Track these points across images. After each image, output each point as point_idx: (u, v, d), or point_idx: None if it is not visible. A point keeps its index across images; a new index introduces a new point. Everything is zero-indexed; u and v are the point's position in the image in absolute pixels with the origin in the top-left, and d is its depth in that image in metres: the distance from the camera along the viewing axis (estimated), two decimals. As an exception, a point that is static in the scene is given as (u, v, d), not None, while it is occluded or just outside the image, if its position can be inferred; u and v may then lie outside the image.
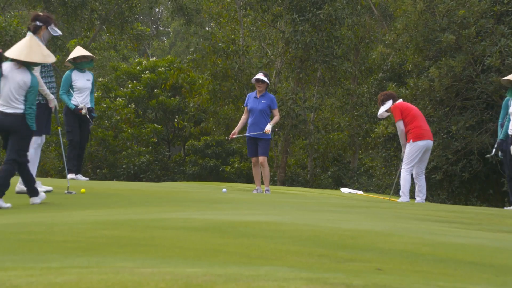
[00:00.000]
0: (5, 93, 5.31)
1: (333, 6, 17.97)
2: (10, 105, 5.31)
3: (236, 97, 20.30)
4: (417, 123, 7.69)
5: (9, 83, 5.33)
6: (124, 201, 5.68)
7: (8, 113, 5.30)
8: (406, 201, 7.61)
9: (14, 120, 5.30)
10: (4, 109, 5.32)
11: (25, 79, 5.33)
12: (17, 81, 5.31)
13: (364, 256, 2.54)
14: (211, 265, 2.16)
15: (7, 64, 5.37)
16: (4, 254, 2.32)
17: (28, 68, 5.36)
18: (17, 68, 5.32)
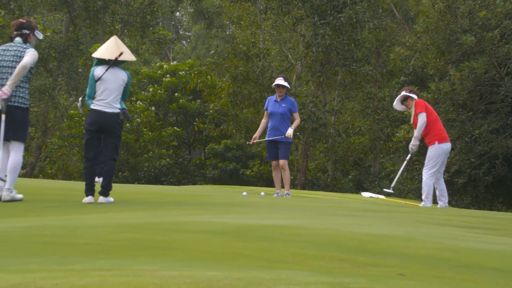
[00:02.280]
0: (105, 94, 5.56)
1: (354, 10, 17.89)
2: (110, 105, 5.58)
3: (256, 100, 20.32)
4: (440, 126, 7.59)
5: (109, 84, 5.58)
6: (145, 204, 5.72)
7: (108, 113, 5.55)
8: (429, 206, 7.51)
9: (113, 119, 5.56)
10: (103, 108, 5.55)
11: (123, 77, 5.63)
12: (117, 81, 5.59)
13: (386, 261, 2.51)
14: (231, 268, 2.16)
15: (100, 68, 5.60)
16: (29, 256, 2.36)
17: (118, 66, 5.63)
18: (112, 68, 5.58)
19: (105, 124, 5.60)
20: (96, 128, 5.61)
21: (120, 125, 5.67)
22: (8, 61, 5.47)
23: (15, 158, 5.43)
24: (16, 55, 5.47)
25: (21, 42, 5.52)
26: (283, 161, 7.98)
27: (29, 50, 5.49)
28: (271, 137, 7.98)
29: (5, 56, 5.47)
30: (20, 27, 5.56)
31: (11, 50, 5.47)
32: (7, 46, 5.52)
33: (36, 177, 21.67)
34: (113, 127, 5.62)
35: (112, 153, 5.64)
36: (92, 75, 5.71)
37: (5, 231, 3.34)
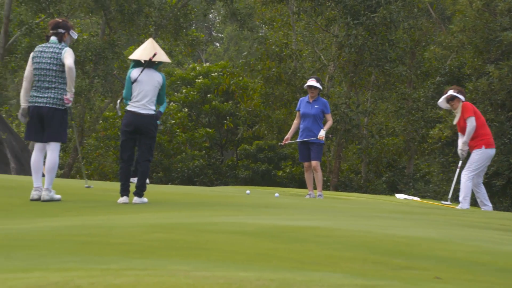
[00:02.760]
0: (141, 96, 5.66)
1: (388, 9, 17.67)
2: (146, 107, 5.67)
3: (289, 101, 20.30)
4: (488, 130, 7.41)
5: (145, 86, 5.69)
6: (178, 205, 5.78)
7: (143, 114, 5.65)
8: (466, 208, 7.34)
9: (149, 120, 5.66)
10: (138, 110, 5.66)
11: (158, 79, 5.73)
12: (153, 83, 5.68)
13: (421, 264, 2.47)
14: (264, 269, 2.16)
15: (136, 70, 5.71)
16: (67, 255, 2.42)
17: (155, 69, 5.72)
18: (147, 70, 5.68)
19: (140, 126, 5.67)
20: (132, 129, 5.69)
21: (155, 126, 5.74)
22: (46, 63, 5.58)
23: (52, 158, 5.55)
24: (53, 57, 5.58)
25: (56, 42, 5.61)
26: (315, 162, 7.94)
27: (65, 50, 5.59)
28: (303, 138, 7.95)
29: (43, 58, 5.59)
30: (56, 26, 5.64)
31: (48, 52, 5.57)
32: (43, 47, 5.61)
33: (73, 177, 22.16)
34: (148, 128, 5.69)
35: (146, 154, 5.71)
36: (128, 77, 5.79)
37: (45, 230, 3.43)
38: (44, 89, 5.57)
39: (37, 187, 5.57)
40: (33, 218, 4.47)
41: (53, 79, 5.57)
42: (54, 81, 5.57)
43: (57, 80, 5.58)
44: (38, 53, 5.61)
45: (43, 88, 5.57)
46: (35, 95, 5.58)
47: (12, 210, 5.03)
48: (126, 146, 5.73)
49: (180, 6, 22.97)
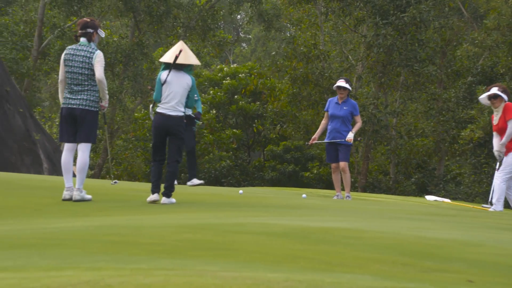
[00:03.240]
0: (170, 98, 5.77)
1: (418, 9, 17.43)
2: (175, 109, 5.78)
3: (316, 102, 20.21)
4: None
5: (174, 88, 5.78)
6: (206, 205, 5.81)
7: (172, 116, 5.76)
8: (500, 210, 7.19)
9: (177, 122, 5.77)
10: (167, 111, 5.76)
11: (187, 81, 5.83)
12: (182, 85, 5.79)
13: (452, 267, 2.43)
14: (292, 271, 2.16)
15: (165, 72, 5.81)
16: (97, 254, 2.46)
17: (184, 71, 5.80)
18: (177, 72, 5.77)
19: (169, 127, 5.75)
20: (161, 130, 5.77)
21: (184, 128, 5.81)
22: (78, 68, 5.68)
23: (82, 159, 5.65)
24: (84, 61, 5.68)
25: (86, 43, 5.71)
26: (343, 164, 7.87)
27: (96, 55, 5.69)
28: (331, 139, 7.88)
29: (75, 62, 5.69)
30: (85, 26, 5.74)
31: (79, 56, 5.68)
32: (74, 50, 5.71)
33: (103, 178, 22.51)
34: (177, 129, 5.77)
35: (175, 155, 5.79)
36: (158, 79, 5.88)
37: (76, 230, 3.50)
38: (77, 92, 5.67)
39: (68, 187, 5.68)
40: (65, 217, 4.56)
41: (85, 82, 5.68)
42: (86, 84, 5.68)
43: (89, 83, 5.69)
44: (70, 56, 5.71)
45: (75, 91, 5.68)
46: (68, 96, 5.70)
47: (45, 209, 5.14)
48: (157, 148, 5.83)
49: (208, 7, 23.11)
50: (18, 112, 14.44)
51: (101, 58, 5.71)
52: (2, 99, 13.96)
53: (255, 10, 23.05)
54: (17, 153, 13.78)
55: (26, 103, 16.01)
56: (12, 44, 20.72)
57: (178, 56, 5.76)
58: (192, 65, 5.89)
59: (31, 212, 4.93)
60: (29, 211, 4.95)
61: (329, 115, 7.93)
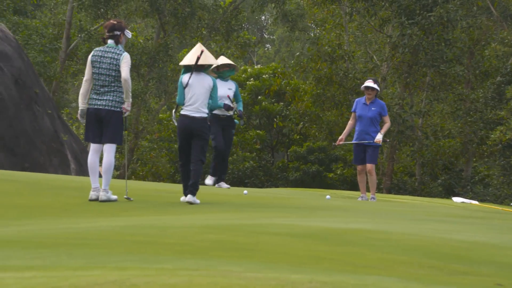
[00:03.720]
0: (193, 100, 5.85)
1: (445, 8, 17.17)
2: (198, 110, 5.86)
3: (340, 102, 20.09)
4: None
5: (196, 90, 5.86)
6: (230, 206, 5.83)
7: (195, 117, 5.83)
8: None
9: (201, 123, 5.83)
10: (191, 113, 5.84)
11: (209, 82, 5.90)
12: (204, 86, 5.86)
13: (481, 270, 2.38)
14: (316, 272, 2.15)
15: (186, 75, 5.89)
16: (123, 254, 2.49)
17: (205, 72, 5.89)
18: (197, 74, 5.85)
19: (194, 128, 5.81)
20: (186, 132, 5.83)
21: (208, 129, 5.87)
22: (105, 69, 5.76)
23: (108, 160, 5.72)
24: (112, 62, 5.75)
25: (114, 45, 5.79)
26: (370, 166, 7.79)
27: (123, 56, 5.76)
28: (359, 140, 7.77)
29: (102, 63, 5.77)
30: (112, 29, 5.80)
31: (107, 57, 5.75)
32: (102, 51, 5.78)
33: (129, 178, 22.78)
34: (201, 130, 5.82)
35: (199, 155, 5.85)
36: (180, 83, 5.94)
37: (102, 230, 3.55)
38: (103, 93, 5.74)
39: (95, 187, 5.76)
40: (91, 217, 4.63)
41: (112, 83, 5.75)
42: (113, 85, 5.75)
43: (115, 84, 5.76)
44: (97, 58, 5.78)
45: (102, 92, 5.75)
46: (94, 97, 5.77)
47: (73, 209, 5.22)
48: (183, 150, 5.89)
49: (232, 8, 23.18)
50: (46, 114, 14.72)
51: (128, 60, 5.78)
52: (32, 101, 14.26)
53: (279, 11, 23.03)
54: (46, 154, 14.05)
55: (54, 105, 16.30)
56: (41, 46, 21.13)
57: (200, 57, 5.80)
58: (210, 66, 5.93)
59: (59, 212, 5.02)
60: (57, 211, 5.04)
61: (357, 116, 7.81)
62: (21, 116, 13.69)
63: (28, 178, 7.47)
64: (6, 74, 13.77)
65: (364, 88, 7.84)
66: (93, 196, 5.72)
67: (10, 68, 13.95)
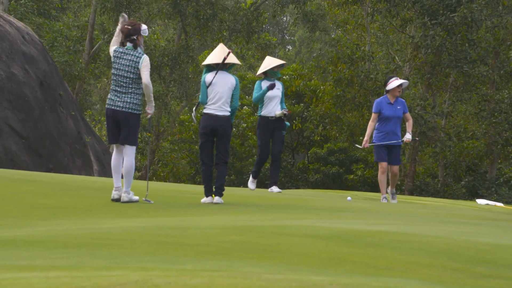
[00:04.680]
0: (217, 98, 5.88)
1: (469, 8, 16.92)
2: (222, 108, 5.89)
3: (361, 104, 19.95)
4: None
5: (220, 88, 5.89)
6: (251, 207, 5.83)
7: (219, 116, 5.86)
8: None
9: (225, 121, 5.87)
10: (214, 112, 5.87)
11: (232, 80, 5.94)
12: (227, 85, 5.90)
13: (507, 273, 2.34)
14: (337, 274, 2.14)
15: (210, 74, 5.92)
16: (145, 255, 2.51)
17: (227, 71, 5.92)
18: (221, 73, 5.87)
19: (217, 127, 5.81)
20: (209, 131, 5.83)
21: (231, 127, 5.88)
22: (124, 71, 5.80)
23: (129, 162, 5.76)
24: (131, 65, 5.78)
25: (132, 48, 5.81)
26: (397, 167, 7.71)
27: (143, 59, 5.78)
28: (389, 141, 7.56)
29: (121, 65, 5.82)
30: (128, 35, 5.82)
31: (126, 59, 5.78)
32: (121, 53, 5.81)
33: (150, 179, 22.97)
34: (224, 129, 5.83)
35: (224, 157, 5.86)
36: (203, 82, 5.95)
37: (125, 230, 3.58)
38: (121, 94, 5.78)
39: (117, 187, 5.81)
40: (114, 218, 4.68)
41: (129, 85, 5.79)
42: (130, 87, 5.79)
43: (133, 86, 5.80)
44: (117, 58, 5.80)
45: (120, 93, 5.79)
46: (112, 98, 5.81)
47: (95, 210, 5.29)
48: (206, 148, 5.86)
49: (253, 9, 23.22)
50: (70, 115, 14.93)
51: (148, 63, 5.80)
52: (56, 103, 14.48)
53: (300, 11, 22.99)
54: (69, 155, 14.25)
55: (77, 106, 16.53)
56: (65, 48, 21.45)
57: (227, 57, 5.82)
58: (233, 65, 5.95)
59: (82, 212, 5.09)
60: (80, 212, 5.10)
61: (385, 116, 7.59)
62: (45, 117, 13.92)
63: (52, 179, 7.58)
64: (32, 76, 14.01)
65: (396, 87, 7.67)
66: (115, 195, 5.78)
67: (36, 70, 14.19)
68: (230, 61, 5.87)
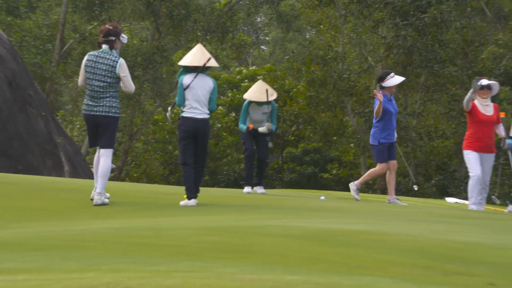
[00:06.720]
0: (195, 101, 5.83)
1: (439, 9, 17.24)
2: (202, 111, 5.85)
3: (334, 104, 20.13)
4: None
5: (198, 91, 5.85)
6: (225, 208, 5.83)
7: (200, 119, 5.83)
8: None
9: (205, 125, 5.86)
10: (195, 115, 5.83)
11: (210, 83, 5.89)
12: (205, 87, 5.85)
13: (475, 270, 2.39)
14: (311, 273, 2.15)
15: (188, 76, 5.87)
16: (117, 256, 2.48)
17: (204, 73, 5.88)
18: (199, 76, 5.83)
19: (198, 130, 5.79)
20: (190, 134, 5.80)
21: (210, 129, 5.88)
22: (100, 75, 5.74)
23: (105, 164, 5.70)
24: (107, 69, 5.73)
25: (108, 50, 5.76)
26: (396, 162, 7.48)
27: (120, 63, 5.74)
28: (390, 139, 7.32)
29: (97, 69, 5.75)
30: (107, 34, 5.77)
31: (102, 63, 5.73)
32: (96, 57, 5.75)
33: (122, 180, 22.72)
34: (205, 132, 5.83)
35: (203, 159, 5.90)
36: (180, 84, 5.89)
37: (97, 232, 3.53)
38: (99, 99, 5.73)
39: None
40: (86, 220, 4.62)
41: (107, 90, 5.74)
42: (108, 91, 5.74)
43: (110, 89, 5.75)
44: (92, 63, 5.74)
45: (97, 97, 5.73)
46: (90, 103, 5.75)
47: (67, 212, 5.20)
48: (187, 151, 5.82)
49: (227, 9, 23.19)
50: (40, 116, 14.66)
51: (126, 68, 5.77)
52: (25, 103, 14.20)
53: (274, 12, 23.06)
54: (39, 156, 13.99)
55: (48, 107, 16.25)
56: (36, 49, 21.05)
57: (207, 63, 5.78)
58: (210, 67, 5.93)
59: (53, 214, 5.00)
60: (51, 213, 5.02)
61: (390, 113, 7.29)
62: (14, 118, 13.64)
63: (22, 181, 7.44)
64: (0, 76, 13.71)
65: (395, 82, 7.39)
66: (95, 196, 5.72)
67: (4, 70, 13.89)
68: (210, 65, 5.84)
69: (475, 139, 7.04)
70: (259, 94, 7.77)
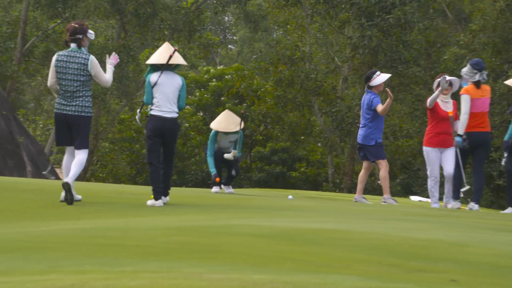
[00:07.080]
0: (163, 99, 5.73)
1: (403, 10, 17.57)
2: (170, 110, 5.76)
3: (302, 104, 20.28)
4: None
5: (166, 89, 5.76)
6: (193, 208, 5.80)
7: (168, 118, 5.74)
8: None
9: (173, 123, 5.78)
10: (163, 114, 5.73)
11: (178, 81, 5.81)
12: (173, 85, 5.76)
13: (437, 267, 2.45)
14: (278, 272, 2.16)
15: (155, 74, 5.78)
16: (83, 258, 2.44)
17: (173, 71, 5.80)
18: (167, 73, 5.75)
19: (166, 129, 5.73)
20: (158, 133, 5.74)
21: (179, 128, 5.85)
22: (72, 74, 5.66)
23: (81, 156, 5.61)
24: (79, 68, 5.66)
25: (77, 49, 5.70)
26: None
27: (91, 60, 5.69)
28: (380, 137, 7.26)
29: (69, 69, 5.67)
30: (74, 33, 5.71)
31: (74, 63, 5.66)
32: (67, 56, 5.68)
33: (88, 180, 22.34)
34: (173, 131, 5.77)
35: (171, 158, 5.86)
36: (148, 82, 5.83)
37: (61, 233, 3.46)
38: (71, 98, 5.66)
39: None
40: (50, 220, 4.52)
41: (79, 88, 5.67)
42: (81, 90, 5.68)
43: (83, 88, 5.69)
44: (63, 63, 5.67)
45: (70, 97, 5.66)
46: (63, 103, 5.67)
47: (30, 213, 5.09)
48: (154, 150, 5.76)
49: (194, 8, 23.07)
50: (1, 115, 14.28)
51: (97, 64, 5.73)
52: (-15, 102, 13.80)
53: (241, 11, 23.07)
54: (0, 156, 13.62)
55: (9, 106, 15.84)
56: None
57: (172, 56, 5.74)
58: (179, 65, 5.90)
59: (15, 215, 4.88)
60: (13, 215, 4.90)
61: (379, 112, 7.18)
62: (-25, 117, 13.24)
63: (-18, 181, 7.23)
64: (-41, 73, 13.30)
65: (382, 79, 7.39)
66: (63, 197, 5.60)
67: (-37, 68, 13.47)
68: (175, 62, 5.79)
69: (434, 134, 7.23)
70: (226, 124, 7.82)
